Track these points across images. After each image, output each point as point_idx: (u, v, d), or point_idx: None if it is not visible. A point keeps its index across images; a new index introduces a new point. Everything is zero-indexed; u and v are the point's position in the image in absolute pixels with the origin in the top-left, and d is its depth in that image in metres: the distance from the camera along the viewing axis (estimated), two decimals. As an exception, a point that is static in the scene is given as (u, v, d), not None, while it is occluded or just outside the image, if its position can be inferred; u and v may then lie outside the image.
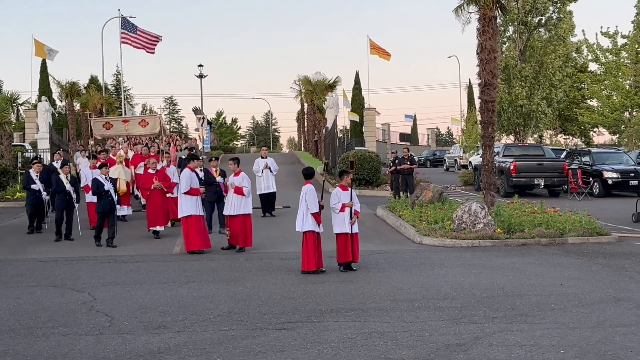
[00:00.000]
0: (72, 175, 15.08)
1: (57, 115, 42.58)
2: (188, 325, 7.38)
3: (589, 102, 46.08)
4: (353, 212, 10.54)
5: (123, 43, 43.24)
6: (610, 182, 23.98)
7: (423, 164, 49.77)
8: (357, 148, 32.10)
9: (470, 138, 37.16)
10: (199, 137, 42.56)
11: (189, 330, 7.18)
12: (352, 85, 50.37)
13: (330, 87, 43.27)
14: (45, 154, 26.64)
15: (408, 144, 56.88)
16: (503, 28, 36.18)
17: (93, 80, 50.93)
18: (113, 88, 63.74)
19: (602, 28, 56.92)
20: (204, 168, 15.77)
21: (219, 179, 14.98)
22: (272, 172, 18.26)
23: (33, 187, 15.57)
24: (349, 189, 10.72)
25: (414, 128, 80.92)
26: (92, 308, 8.29)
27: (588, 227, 14.05)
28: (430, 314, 7.79)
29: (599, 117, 40.52)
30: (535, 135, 42.55)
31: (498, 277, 10.07)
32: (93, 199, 15.21)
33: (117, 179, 15.64)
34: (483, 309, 8.00)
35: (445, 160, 46.58)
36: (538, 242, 13.48)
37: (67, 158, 25.71)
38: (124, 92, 52.71)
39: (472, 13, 15.87)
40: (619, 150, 28.88)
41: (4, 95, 27.88)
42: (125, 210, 17.23)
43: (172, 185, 15.01)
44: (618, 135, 41.74)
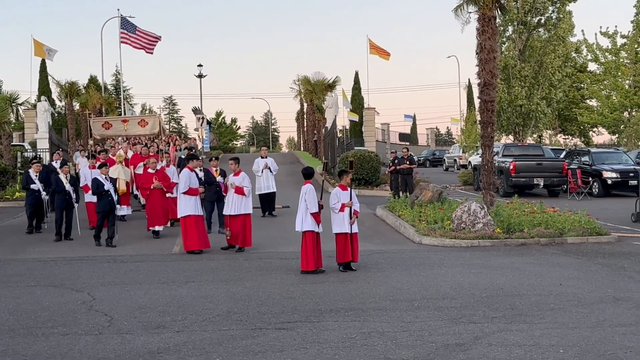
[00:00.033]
0: (71, 175, 15.08)
1: (56, 115, 42.56)
2: (187, 325, 7.38)
3: (589, 102, 46.11)
4: (352, 211, 10.55)
5: (122, 43, 43.25)
6: (610, 182, 23.99)
7: (422, 164, 49.79)
8: (356, 148, 32.11)
9: (470, 138, 37.12)
10: (199, 137, 42.62)
11: (189, 330, 7.18)
12: (351, 85, 50.42)
13: (330, 87, 43.28)
14: (45, 154, 26.63)
15: (407, 144, 56.86)
16: (502, 28, 36.16)
17: (92, 80, 50.96)
18: (112, 88, 63.75)
19: (601, 28, 56.96)
20: (204, 168, 15.77)
21: (219, 179, 14.98)
22: (271, 172, 18.23)
23: (32, 187, 15.57)
24: (349, 189, 10.72)
25: (414, 128, 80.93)
26: (91, 308, 8.29)
27: (587, 227, 14.06)
28: (430, 314, 7.80)
29: (599, 117, 40.55)
30: (535, 135, 42.57)
31: (497, 277, 10.07)
32: (92, 199, 15.23)
33: (116, 179, 15.63)
34: (482, 309, 8.01)
35: (445, 160, 46.55)
36: (537, 242, 13.49)
37: (66, 158, 25.74)
38: (124, 92, 52.72)
39: (471, 13, 15.88)
40: (619, 150, 28.87)
41: (4, 95, 27.85)
42: (125, 210, 17.22)
43: (171, 185, 15.02)
44: (617, 135, 41.77)
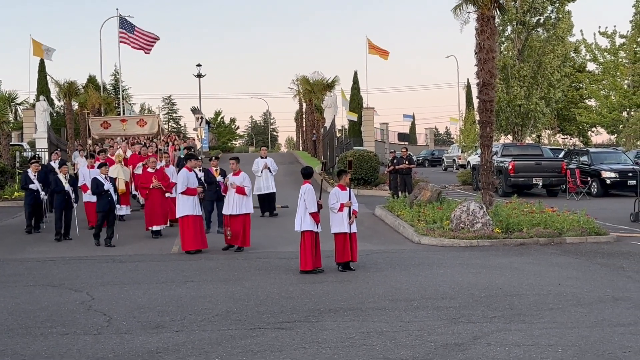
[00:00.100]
0: (70, 175, 15.07)
1: (55, 115, 42.48)
2: (186, 325, 7.38)
3: (587, 101, 46.17)
4: (351, 211, 10.56)
5: (121, 43, 43.20)
6: (609, 181, 24.00)
7: (421, 164, 49.82)
8: (355, 148, 32.08)
9: (469, 138, 37.15)
10: (198, 136, 42.63)
11: (187, 330, 7.18)
12: (350, 85, 50.28)
13: (329, 86, 43.26)
14: (44, 154, 26.62)
15: (406, 144, 56.84)
16: (501, 28, 36.21)
17: (91, 80, 50.89)
18: (111, 87, 63.67)
19: (600, 28, 56.93)
20: (204, 168, 15.76)
21: (219, 179, 14.97)
22: (271, 172, 18.22)
23: (31, 187, 15.55)
24: (348, 189, 10.73)
25: (413, 128, 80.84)
26: (90, 308, 8.29)
27: (586, 226, 14.06)
28: (429, 314, 7.80)
29: (597, 116, 40.59)
30: (534, 135, 42.64)
31: (496, 276, 10.08)
32: (91, 199, 15.22)
33: (116, 179, 15.61)
34: (481, 309, 8.01)
35: (444, 160, 46.54)
36: (536, 241, 13.49)
37: (65, 157, 25.73)
38: (122, 91, 52.61)
39: (470, 13, 15.89)
40: (617, 150, 28.89)
41: (2, 95, 27.76)
42: (124, 210, 17.21)
43: (170, 185, 15.00)
44: (616, 135, 41.81)
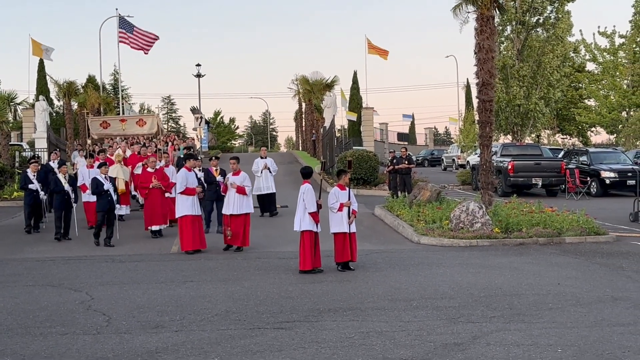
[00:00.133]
0: (70, 175, 15.06)
1: (54, 115, 42.48)
2: (186, 325, 7.38)
3: (587, 101, 46.19)
4: (351, 211, 10.56)
5: (121, 42, 43.18)
6: (608, 181, 24.00)
7: (421, 164, 49.79)
8: (355, 147, 32.07)
9: (468, 137, 37.15)
10: (197, 136, 42.61)
11: (187, 330, 7.17)
12: (349, 85, 50.24)
13: (328, 86, 43.25)
14: (43, 154, 26.60)
15: (406, 144, 56.82)
16: (501, 27, 36.25)
17: (91, 80, 50.87)
18: (111, 87, 63.70)
19: (599, 28, 56.90)
20: (204, 167, 15.75)
21: (219, 179, 14.96)
22: (271, 172, 18.21)
23: (30, 187, 15.53)
24: (347, 189, 10.73)
25: (412, 127, 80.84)
26: (89, 307, 8.28)
27: (586, 226, 14.07)
28: (428, 314, 7.80)
29: (597, 116, 40.62)
30: (533, 135, 42.65)
31: (496, 276, 10.08)
32: (90, 199, 15.21)
33: (115, 178, 15.61)
34: (481, 309, 8.01)
35: (443, 160, 46.53)
36: (536, 241, 13.50)
37: (64, 157, 25.72)
38: (122, 91, 52.61)
39: (469, 13, 15.90)
40: (617, 150, 28.90)
41: (2, 95, 27.74)
42: (124, 210, 17.19)
43: (170, 185, 14.99)
44: (615, 135, 41.82)
